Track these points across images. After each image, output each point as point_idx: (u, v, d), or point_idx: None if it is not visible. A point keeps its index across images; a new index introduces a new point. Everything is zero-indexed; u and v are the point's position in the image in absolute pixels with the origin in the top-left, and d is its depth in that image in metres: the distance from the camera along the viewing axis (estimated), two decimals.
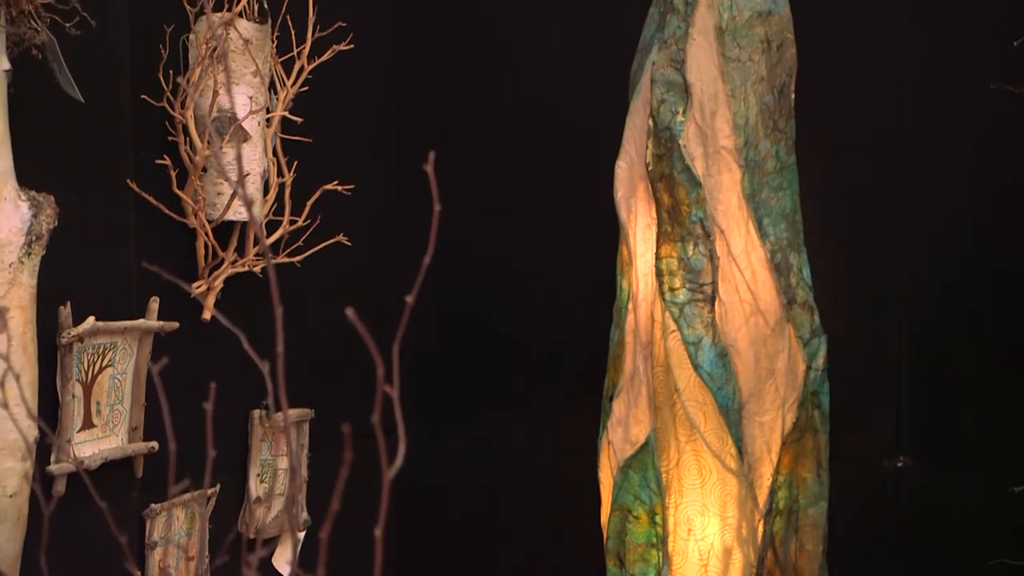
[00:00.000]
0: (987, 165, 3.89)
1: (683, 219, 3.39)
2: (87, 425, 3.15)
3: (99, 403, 3.19)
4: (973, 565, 3.85)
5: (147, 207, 3.34)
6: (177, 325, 3.40)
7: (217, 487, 3.66)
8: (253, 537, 3.78)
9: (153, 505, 3.38)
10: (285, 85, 3.69)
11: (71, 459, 3.03)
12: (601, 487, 3.61)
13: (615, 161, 3.53)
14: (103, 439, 3.21)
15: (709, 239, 3.39)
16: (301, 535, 4.00)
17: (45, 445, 2.95)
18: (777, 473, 3.45)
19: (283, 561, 3.97)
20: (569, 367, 4.42)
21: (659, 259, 3.42)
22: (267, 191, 3.69)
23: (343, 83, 4.14)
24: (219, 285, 3.54)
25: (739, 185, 3.40)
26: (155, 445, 3.35)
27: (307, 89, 3.73)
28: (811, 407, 3.52)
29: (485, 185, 4.53)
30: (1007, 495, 3.62)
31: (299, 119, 3.72)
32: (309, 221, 3.78)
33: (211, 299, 3.52)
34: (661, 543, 3.47)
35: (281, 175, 3.73)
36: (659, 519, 3.47)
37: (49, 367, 2.99)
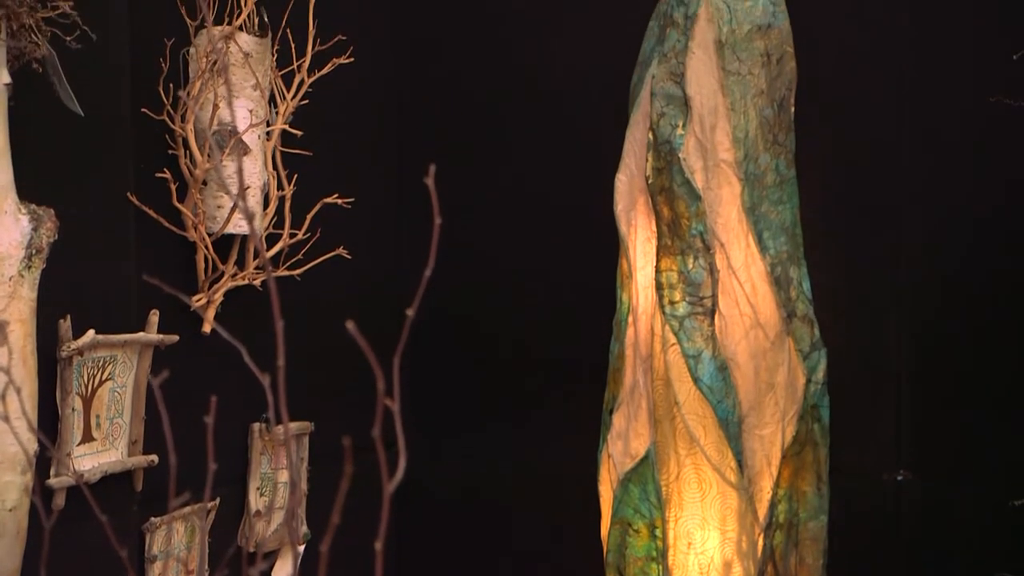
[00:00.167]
0: (987, 179, 3.89)
1: (683, 232, 3.39)
2: (87, 438, 3.15)
3: (99, 416, 3.18)
4: None
5: (147, 220, 3.34)
6: (177, 338, 3.39)
7: (217, 500, 3.66)
8: (253, 551, 3.77)
9: (153, 519, 3.37)
10: (285, 98, 3.70)
11: (71, 472, 3.02)
12: (601, 500, 3.60)
13: (615, 174, 3.54)
14: (103, 452, 3.21)
15: (709, 252, 3.39)
16: (301, 549, 3.99)
17: (45, 458, 2.95)
18: (777, 487, 3.45)
19: (283, 575, 3.97)
20: (569, 380, 4.42)
21: (659, 272, 3.42)
22: (267, 204, 3.69)
23: (343, 96, 4.14)
24: (219, 298, 3.54)
25: (739, 198, 3.40)
26: (155, 458, 3.35)
27: (307, 102, 3.74)
28: (811, 420, 3.51)
29: (485, 198, 4.53)
30: (1007, 508, 3.61)
31: (299, 132, 3.73)
32: (309, 234, 3.78)
33: (211, 312, 3.52)
34: (661, 557, 3.47)
35: (281, 188, 3.73)
36: (659, 533, 3.47)
37: (49, 380, 2.99)
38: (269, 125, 3.65)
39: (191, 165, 3.40)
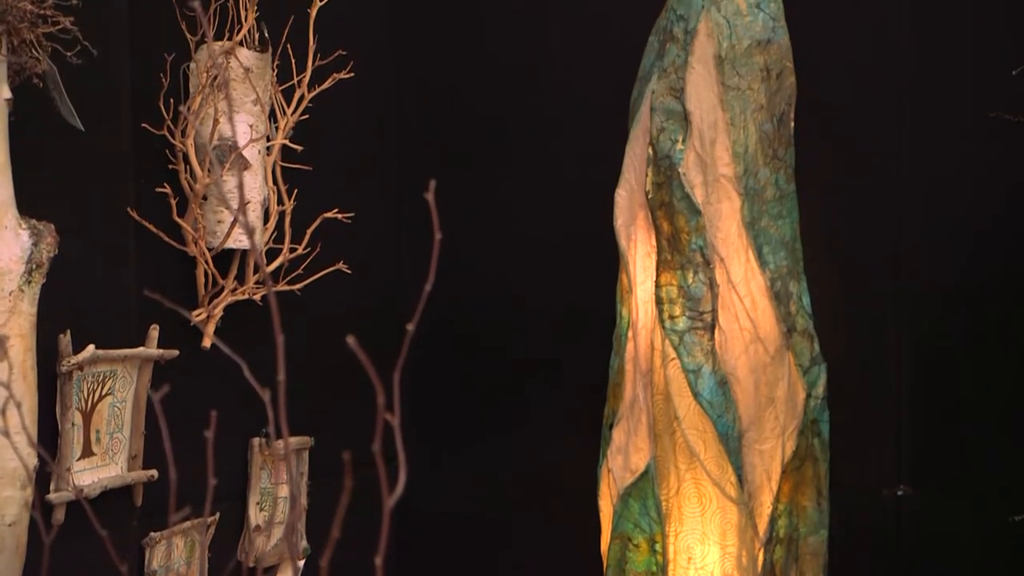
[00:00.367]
0: (986, 194, 3.89)
1: (683, 247, 3.40)
2: (87, 453, 3.14)
3: (99, 431, 3.18)
4: None
5: (147, 235, 3.34)
6: (177, 353, 3.39)
7: (217, 515, 3.65)
8: (253, 565, 3.77)
9: (153, 533, 3.37)
10: (285, 113, 3.70)
11: (71, 487, 3.02)
12: (601, 515, 3.60)
13: (615, 189, 3.54)
14: (103, 467, 3.21)
15: (709, 267, 3.39)
16: (301, 563, 3.99)
17: (45, 473, 2.95)
18: (777, 501, 3.45)
19: None
20: (569, 395, 4.42)
21: (659, 287, 3.42)
22: (267, 219, 3.69)
23: (343, 111, 4.14)
24: (219, 313, 3.54)
25: (739, 213, 3.40)
26: (155, 473, 3.34)
27: (307, 117, 3.74)
28: (811, 435, 3.51)
29: (486, 213, 4.53)
30: (1007, 523, 3.61)
31: (299, 147, 3.73)
32: (309, 249, 3.78)
33: (211, 327, 3.52)
34: (661, 571, 3.46)
35: (281, 203, 3.74)
36: (659, 547, 3.46)
37: (49, 395, 2.99)
38: (269, 140, 3.65)
39: (191, 180, 3.41)
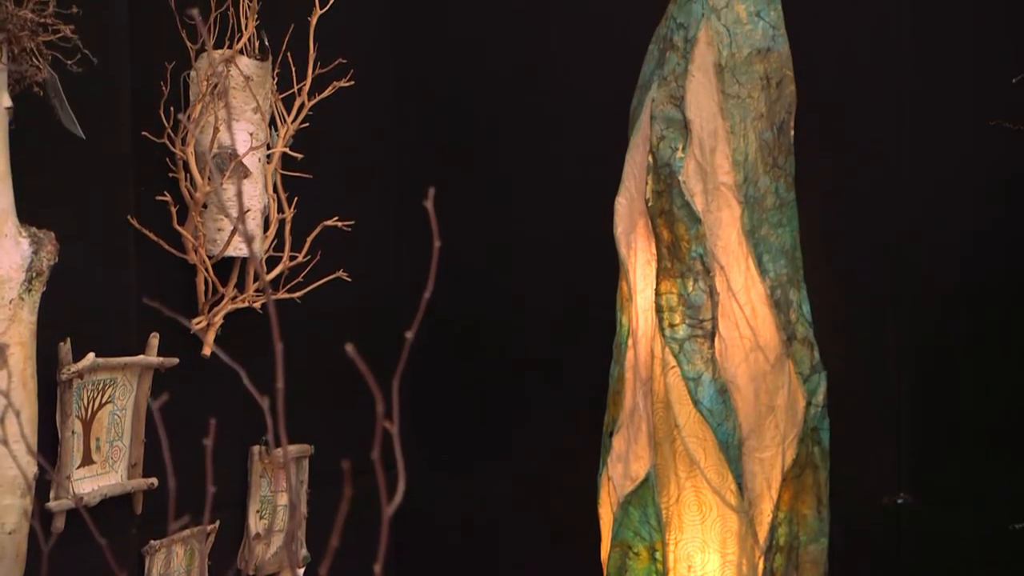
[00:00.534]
0: (987, 203, 3.89)
1: (683, 255, 3.40)
2: (87, 461, 3.14)
3: (99, 439, 3.18)
4: None
5: (147, 243, 3.34)
6: (177, 361, 3.39)
7: (216, 523, 3.65)
8: (252, 574, 3.77)
9: (152, 542, 3.36)
10: (286, 121, 3.70)
11: (70, 496, 3.02)
12: (601, 523, 3.60)
13: (615, 197, 3.54)
14: (102, 475, 3.21)
15: (709, 275, 3.39)
16: (301, 572, 3.98)
17: (44, 481, 2.94)
18: (777, 509, 3.44)
19: None
20: (569, 403, 4.42)
21: (659, 295, 3.42)
22: (267, 227, 3.69)
23: (343, 119, 4.15)
24: (219, 321, 3.54)
25: (739, 221, 3.40)
26: (154, 481, 3.34)
27: (307, 125, 3.75)
28: (811, 443, 3.51)
29: (485, 220, 4.53)
30: (1007, 532, 3.61)
31: (299, 155, 3.73)
32: (309, 257, 3.78)
33: (211, 335, 3.52)
34: None
35: (281, 211, 3.74)
36: (659, 555, 3.46)
37: (49, 403, 2.99)
38: (269, 148, 3.65)
39: (191, 188, 3.41)
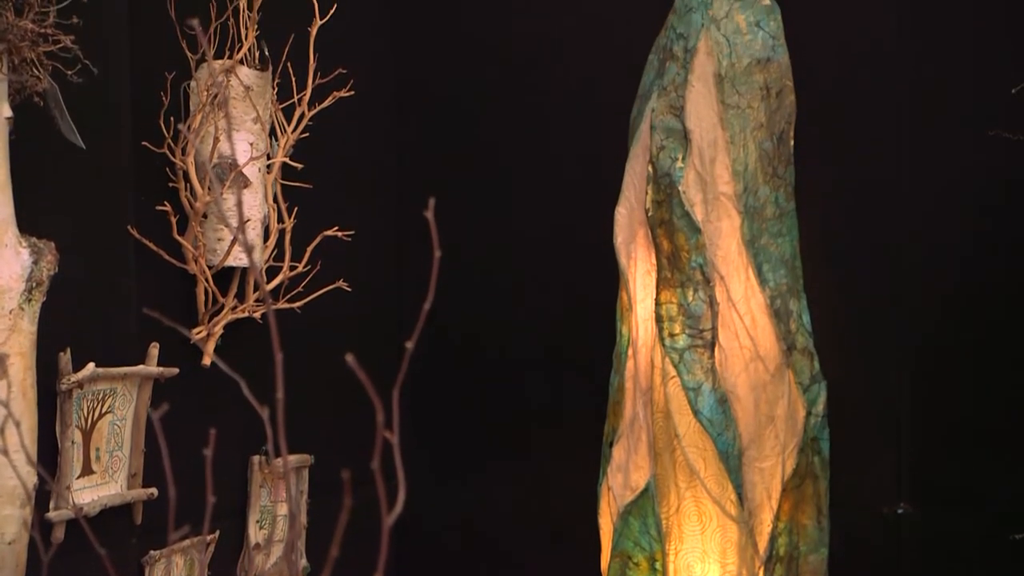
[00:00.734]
0: (985, 212, 3.89)
1: (683, 265, 3.40)
2: (86, 471, 3.14)
3: (98, 449, 3.18)
4: None
5: (147, 253, 3.34)
6: (177, 371, 3.39)
7: (216, 533, 3.65)
8: None
9: (152, 552, 3.36)
10: (286, 131, 3.70)
11: (70, 506, 3.02)
12: (601, 533, 3.60)
13: (615, 207, 3.54)
14: (102, 485, 3.20)
15: (709, 285, 3.39)
16: None
17: (44, 492, 2.94)
18: (777, 519, 3.44)
19: None
20: (569, 412, 4.42)
21: (659, 305, 3.42)
22: (267, 237, 3.70)
23: (343, 129, 4.15)
24: (219, 331, 3.54)
25: (739, 231, 3.41)
26: (154, 491, 3.34)
27: (307, 135, 3.75)
28: (811, 453, 3.51)
29: (485, 230, 4.53)
30: (1007, 541, 3.61)
31: (299, 165, 3.73)
32: (309, 267, 3.78)
33: (211, 345, 3.52)
34: None
35: (281, 221, 3.74)
36: (659, 565, 3.46)
37: (49, 413, 2.98)
38: (269, 158, 3.65)
39: (191, 198, 3.41)
